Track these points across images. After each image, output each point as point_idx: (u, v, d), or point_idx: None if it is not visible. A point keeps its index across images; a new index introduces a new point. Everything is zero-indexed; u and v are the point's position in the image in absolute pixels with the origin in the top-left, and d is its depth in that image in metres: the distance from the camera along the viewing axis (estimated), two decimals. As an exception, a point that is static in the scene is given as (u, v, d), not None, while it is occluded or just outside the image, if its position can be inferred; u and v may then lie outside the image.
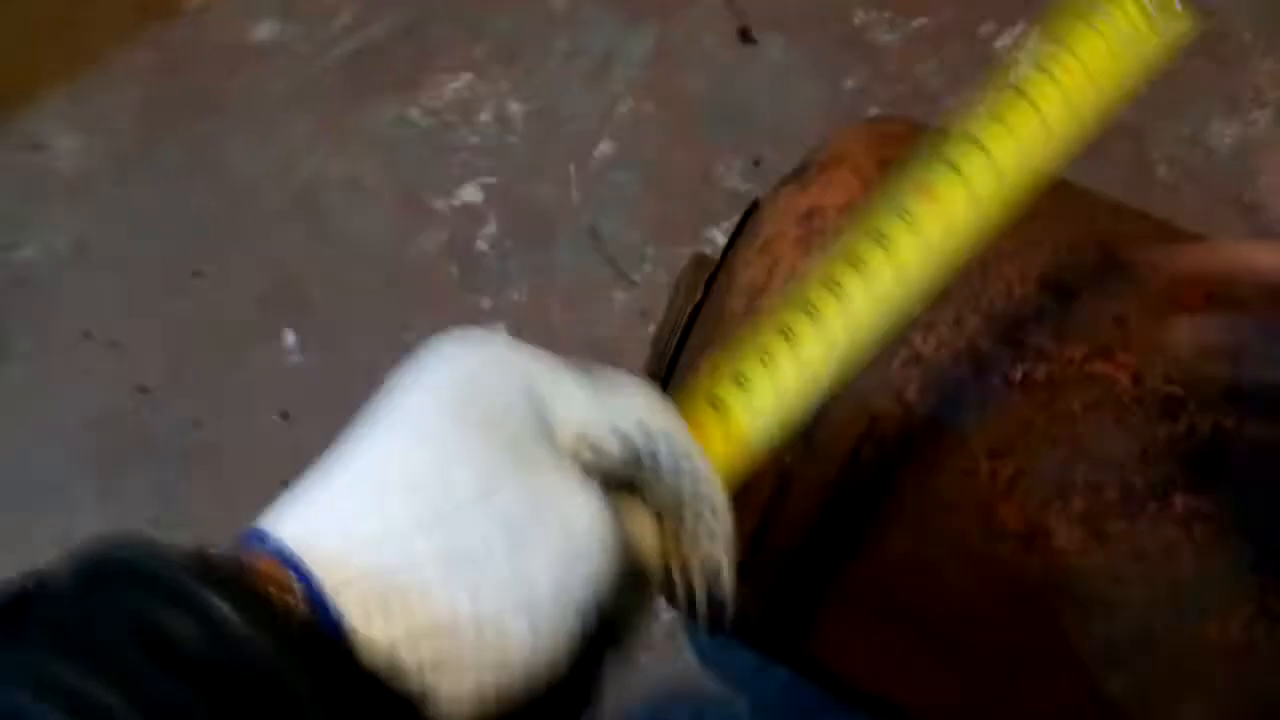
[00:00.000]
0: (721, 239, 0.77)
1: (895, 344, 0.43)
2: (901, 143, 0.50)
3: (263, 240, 0.80)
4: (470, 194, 0.80)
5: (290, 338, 0.77)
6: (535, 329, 0.76)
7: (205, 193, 0.82)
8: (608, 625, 0.27)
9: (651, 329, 0.76)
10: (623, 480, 0.29)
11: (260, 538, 0.25)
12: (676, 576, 0.30)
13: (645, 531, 0.29)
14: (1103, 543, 0.43)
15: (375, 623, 0.23)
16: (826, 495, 0.44)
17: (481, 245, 0.78)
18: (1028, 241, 0.46)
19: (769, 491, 0.44)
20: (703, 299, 0.52)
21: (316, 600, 0.23)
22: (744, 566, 0.45)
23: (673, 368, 0.53)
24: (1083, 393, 0.43)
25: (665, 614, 0.62)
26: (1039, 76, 0.35)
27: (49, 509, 0.72)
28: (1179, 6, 0.36)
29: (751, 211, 0.55)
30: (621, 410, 0.29)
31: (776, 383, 0.33)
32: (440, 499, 0.25)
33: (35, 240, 0.80)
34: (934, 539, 0.44)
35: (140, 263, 0.80)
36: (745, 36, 0.82)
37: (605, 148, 0.80)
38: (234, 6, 0.87)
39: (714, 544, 0.30)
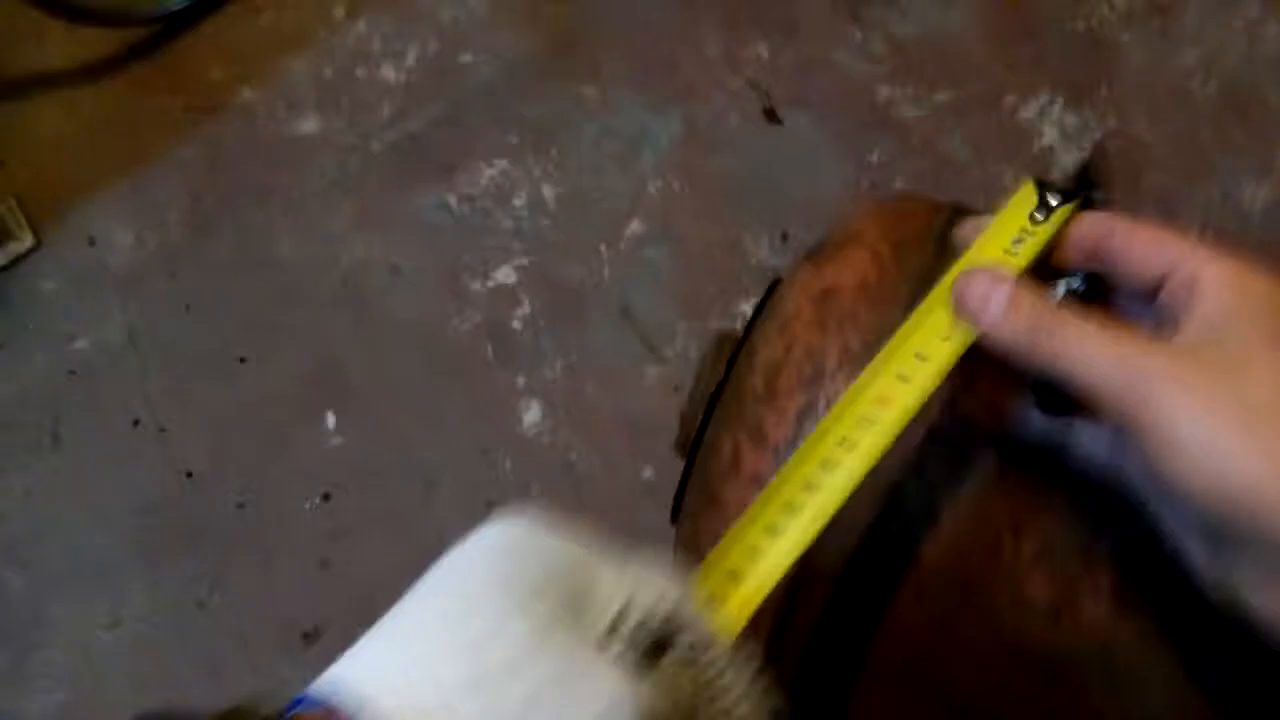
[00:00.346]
0: (750, 312, 0.78)
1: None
2: (915, 221, 0.51)
3: (306, 325, 0.82)
4: (505, 276, 0.81)
5: (331, 420, 0.79)
6: (569, 406, 0.77)
7: (251, 281, 0.84)
8: None
9: (683, 403, 0.77)
10: (649, 658, 0.32)
11: (318, 699, 0.27)
12: None
13: (669, 707, 0.31)
14: (1132, 616, 0.42)
15: None
16: (846, 569, 0.44)
17: (516, 325, 0.80)
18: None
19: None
20: (725, 377, 0.53)
21: None
22: (769, 644, 0.46)
23: (698, 445, 0.54)
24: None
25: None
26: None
27: (99, 593, 0.74)
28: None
29: (773, 289, 0.55)
30: (652, 597, 0.31)
31: (784, 550, 0.36)
32: (485, 666, 0.27)
33: (88, 331, 0.83)
34: (962, 613, 0.44)
35: (188, 351, 0.82)
36: (771, 116, 0.83)
37: (636, 227, 0.81)
38: (279, 101, 0.90)
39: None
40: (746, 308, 0.77)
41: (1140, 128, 0.81)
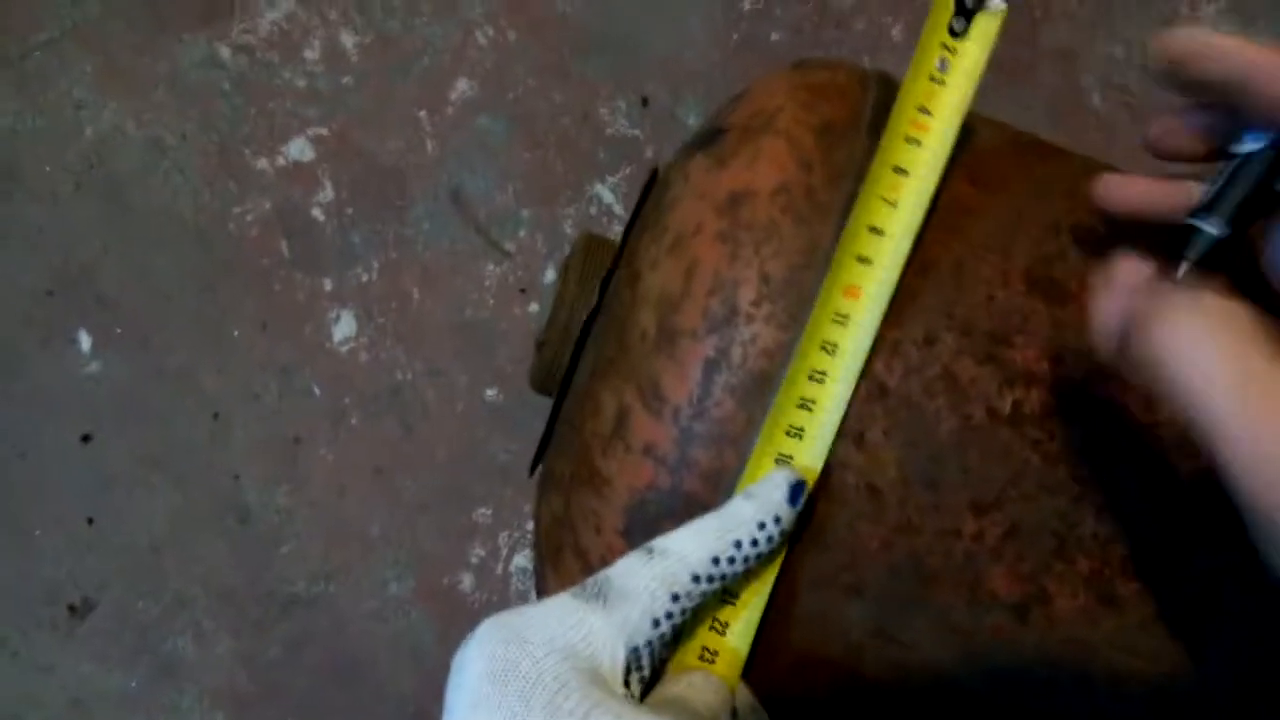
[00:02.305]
0: (609, 195, 0.66)
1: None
2: (840, 98, 0.39)
3: (41, 220, 0.65)
4: (299, 150, 0.66)
5: (84, 341, 0.64)
6: (390, 314, 0.64)
7: (-38, 162, 0.66)
8: None
9: (532, 307, 0.65)
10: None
11: None
12: None
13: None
14: (1113, 608, 0.35)
15: None
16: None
17: (317, 214, 0.65)
18: (1003, 227, 0.37)
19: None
20: (599, 301, 0.41)
21: None
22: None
23: (565, 388, 0.42)
24: (1087, 424, 0.34)
25: None
26: (907, 147, 0.36)
27: None
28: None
29: (653, 182, 0.43)
30: (639, 618, 0.31)
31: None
32: None
33: None
34: (906, 615, 0.36)
35: (-118, 255, 0.64)
36: (622, -51, 0.69)
37: (463, 88, 0.67)
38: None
39: None
40: (603, 190, 0.65)
41: (1037, -28, 0.72)
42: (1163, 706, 0.36)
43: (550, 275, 0.65)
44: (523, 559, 0.62)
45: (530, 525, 0.62)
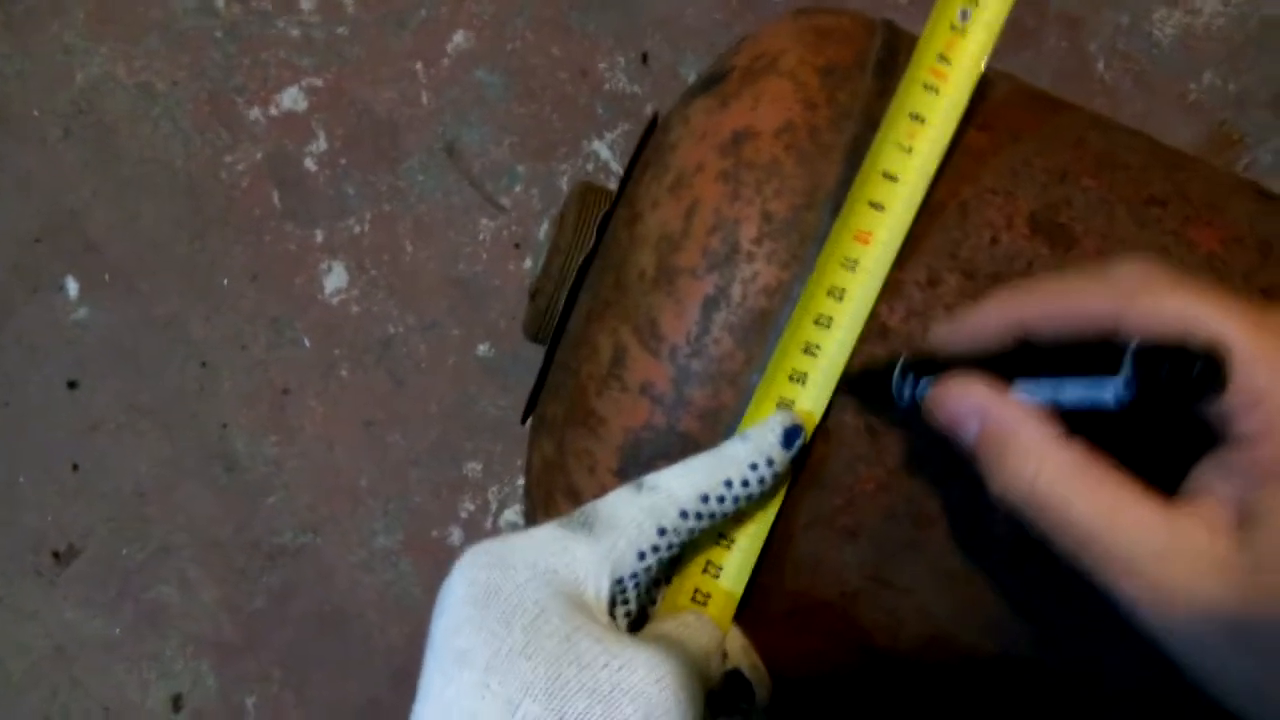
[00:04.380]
0: (606, 152, 0.65)
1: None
2: (847, 42, 0.39)
3: (30, 165, 0.65)
4: (293, 100, 0.65)
5: (72, 288, 0.63)
6: (383, 267, 0.63)
7: (-50, 103, 0.65)
8: None
9: (527, 263, 0.64)
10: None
11: None
12: None
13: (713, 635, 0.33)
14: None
15: None
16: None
17: (309, 164, 0.64)
18: (1011, 172, 0.36)
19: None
20: (596, 246, 0.41)
21: None
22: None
23: (560, 333, 0.42)
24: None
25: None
26: (925, 94, 0.36)
27: None
28: None
29: (653, 128, 0.43)
30: (625, 548, 0.31)
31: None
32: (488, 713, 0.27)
33: None
34: (902, 559, 0.35)
35: None
36: (624, -97, 0.68)
37: (460, 41, 0.66)
38: None
39: None
40: (600, 146, 0.64)
41: (1041, -61, 0.71)
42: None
43: (545, 231, 0.64)
44: (512, 514, 0.62)
45: (520, 481, 0.62)
